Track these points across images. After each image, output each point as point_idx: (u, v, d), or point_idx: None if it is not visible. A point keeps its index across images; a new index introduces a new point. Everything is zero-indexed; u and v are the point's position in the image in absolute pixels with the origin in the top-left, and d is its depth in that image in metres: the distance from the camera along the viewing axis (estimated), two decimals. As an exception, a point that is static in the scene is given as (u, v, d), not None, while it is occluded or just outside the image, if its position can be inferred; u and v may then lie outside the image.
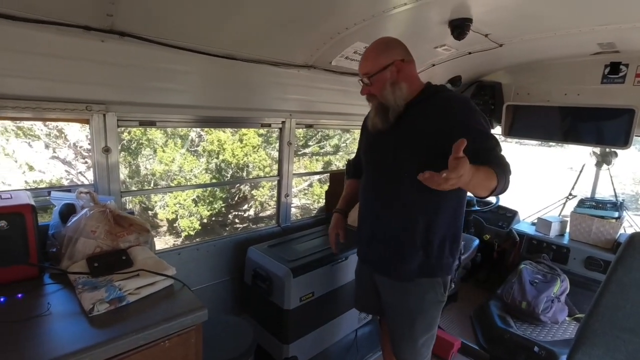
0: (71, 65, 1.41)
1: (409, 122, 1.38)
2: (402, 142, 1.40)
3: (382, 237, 1.50)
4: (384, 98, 1.38)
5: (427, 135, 1.33)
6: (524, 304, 2.58)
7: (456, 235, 1.46)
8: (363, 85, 1.45)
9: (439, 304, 1.49)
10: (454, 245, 1.46)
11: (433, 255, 1.42)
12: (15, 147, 5.52)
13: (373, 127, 1.46)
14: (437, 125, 1.31)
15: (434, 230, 1.40)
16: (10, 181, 5.43)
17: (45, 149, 5.75)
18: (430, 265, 1.43)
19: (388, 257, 1.48)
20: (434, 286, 1.45)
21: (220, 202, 6.60)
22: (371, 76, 1.39)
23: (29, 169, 5.56)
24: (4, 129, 5.34)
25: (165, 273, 1.14)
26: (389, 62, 1.38)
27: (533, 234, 3.06)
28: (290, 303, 1.80)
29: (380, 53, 1.40)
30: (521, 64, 2.89)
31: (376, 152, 1.52)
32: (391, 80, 1.37)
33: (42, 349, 0.83)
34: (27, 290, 1.06)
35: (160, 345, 0.98)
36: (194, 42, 1.67)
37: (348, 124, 2.83)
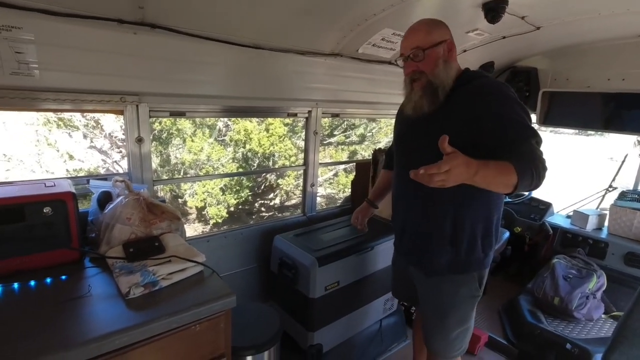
0: (106, 58, 1.46)
1: (446, 109, 1.31)
2: (437, 130, 1.29)
3: (411, 230, 1.48)
4: (435, 76, 1.30)
5: (461, 123, 1.27)
6: (556, 300, 2.49)
7: (489, 230, 1.40)
8: (407, 62, 1.35)
9: (474, 299, 1.45)
10: (487, 241, 1.40)
11: (463, 252, 1.38)
12: (57, 137, 5.83)
13: (416, 110, 1.35)
14: (471, 114, 1.26)
15: (464, 226, 1.36)
16: (53, 169, 5.77)
17: (83, 139, 6.04)
18: (461, 261, 1.39)
19: (417, 251, 1.46)
20: (468, 281, 1.42)
21: (246, 190, 6.73)
22: (424, 50, 1.30)
23: (69, 158, 5.87)
24: (46, 120, 5.65)
25: (195, 260, 1.18)
26: (442, 39, 1.31)
27: (568, 227, 2.94)
28: (315, 292, 1.83)
29: (433, 28, 1.32)
30: (560, 48, 2.73)
31: (408, 140, 1.47)
32: (443, 58, 1.31)
33: (85, 327, 0.89)
34: (69, 272, 1.13)
35: (191, 329, 1.02)
36: (221, 33, 1.69)
37: (375, 113, 2.79)
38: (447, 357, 1.53)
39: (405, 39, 1.36)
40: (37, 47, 1.30)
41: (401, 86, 2.78)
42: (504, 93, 1.26)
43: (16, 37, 1.25)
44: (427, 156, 1.32)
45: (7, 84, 1.28)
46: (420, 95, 1.33)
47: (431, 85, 1.31)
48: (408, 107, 1.40)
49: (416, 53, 1.31)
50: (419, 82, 1.34)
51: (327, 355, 1.99)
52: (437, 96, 1.30)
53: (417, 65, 1.32)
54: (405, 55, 1.35)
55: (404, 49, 1.35)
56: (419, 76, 1.33)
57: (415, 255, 1.49)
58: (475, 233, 1.38)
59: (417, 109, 1.35)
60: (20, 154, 5.71)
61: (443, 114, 1.32)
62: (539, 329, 2.35)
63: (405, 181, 1.43)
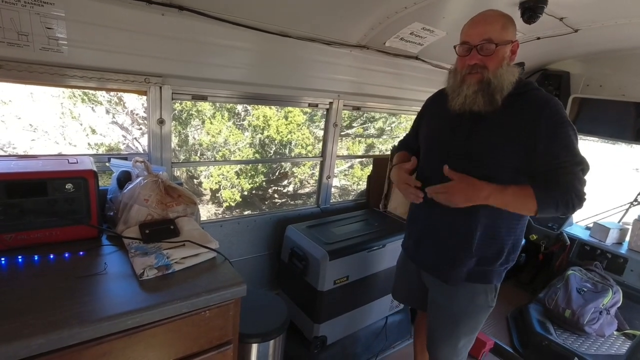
0: (133, 37, 1.47)
1: (499, 115, 1.22)
2: (486, 135, 1.24)
3: (435, 239, 1.40)
4: (496, 76, 1.19)
5: (514, 135, 1.20)
6: (567, 312, 2.44)
7: (516, 244, 1.35)
8: (470, 53, 1.22)
9: (488, 309, 1.41)
10: (512, 256, 1.36)
11: (487, 263, 1.33)
12: (81, 111, 5.95)
13: (466, 105, 1.23)
14: (526, 128, 1.18)
15: (495, 239, 1.31)
16: (76, 142, 5.91)
17: (106, 114, 6.15)
18: (483, 272, 1.35)
19: (439, 260, 1.39)
20: (486, 291, 1.38)
21: (261, 176, 6.76)
22: (497, 45, 1.18)
23: (92, 132, 6.00)
24: (72, 94, 5.77)
25: (209, 246, 1.18)
26: (512, 38, 1.22)
27: (586, 239, 2.85)
28: (324, 285, 1.83)
29: (509, 24, 1.21)
30: (596, 53, 2.61)
31: (446, 139, 1.34)
32: (507, 60, 1.22)
33: (99, 305, 0.91)
34: (87, 248, 1.15)
35: (201, 315, 1.03)
36: (249, 18, 1.67)
37: (397, 109, 2.74)
38: None
39: (474, 26, 1.22)
40: (66, 23, 1.31)
41: (426, 83, 2.73)
42: (560, 115, 1.19)
43: (48, 12, 1.27)
44: (462, 162, 1.26)
45: (37, 59, 1.30)
46: (474, 90, 1.21)
47: (489, 84, 1.20)
48: (455, 101, 1.27)
49: (487, 46, 1.18)
50: (475, 76, 1.22)
51: (331, 348, 2.01)
52: (494, 98, 1.20)
53: (482, 59, 1.20)
54: (473, 44, 1.20)
55: (472, 37, 1.21)
56: (479, 70, 1.21)
57: (434, 263, 1.42)
58: (504, 246, 1.33)
59: (467, 105, 1.23)
60: (46, 125, 5.86)
61: (495, 120, 1.23)
62: (547, 340, 2.31)
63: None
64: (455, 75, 1.30)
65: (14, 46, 1.25)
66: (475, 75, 1.22)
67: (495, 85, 1.20)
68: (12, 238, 1.09)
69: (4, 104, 5.80)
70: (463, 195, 1.19)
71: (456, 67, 1.31)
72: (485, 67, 1.20)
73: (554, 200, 1.15)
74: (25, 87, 5.54)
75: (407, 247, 1.58)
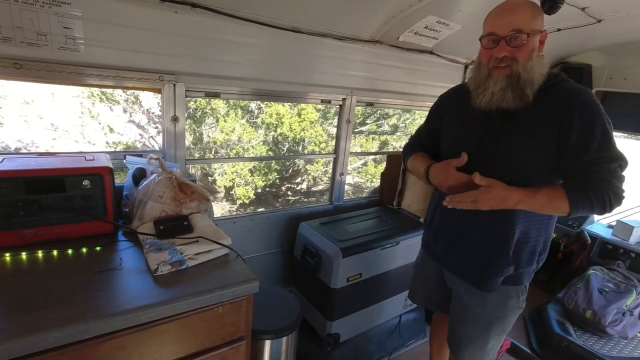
0: (147, 36, 1.49)
1: (530, 111, 1.15)
2: (513, 136, 1.17)
3: (471, 243, 1.33)
4: (527, 69, 1.11)
5: (548, 132, 1.13)
6: (588, 313, 2.36)
7: (547, 244, 1.31)
8: (498, 44, 1.13)
9: (519, 310, 1.37)
10: (542, 256, 1.32)
11: (521, 266, 1.29)
12: (100, 110, 6.09)
13: (494, 102, 1.15)
14: (559, 123, 1.11)
15: (528, 239, 1.26)
16: (95, 140, 6.06)
17: (123, 113, 6.28)
18: (517, 275, 1.31)
19: (475, 265, 1.32)
20: (518, 293, 1.33)
21: (274, 173, 6.80)
22: (528, 35, 1.10)
23: (110, 130, 6.13)
24: (90, 94, 5.91)
25: (222, 242, 1.19)
26: (541, 27, 1.13)
27: (609, 237, 2.76)
28: (337, 282, 1.82)
29: (537, 12, 1.13)
30: (620, 44, 2.51)
31: (471, 143, 1.25)
32: (537, 51, 1.14)
33: (114, 300, 0.92)
34: (104, 244, 1.17)
35: (214, 310, 1.04)
36: (262, 15, 1.67)
37: (411, 104, 2.69)
38: None
39: (501, 15, 1.13)
40: (83, 23, 1.33)
41: (441, 78, 2.68)
42: (595, 106, 1.11)
43: (65, 12, 1.29)
44: (496, 162, 1.20)
45: (55, 58, 1.33)
46: (502, 86, 1.13)
47: (519, 78, 1.11)
48: (480, 98, 1.18)
49: (517, 36, 1.10)
50: (503, 70, 1.13)
51: (344, 345, 2.00)
52: (525, 92, 1.12)
53: (512, 50, 1.11)
54: (502, 36, 1.11)
55: (500, 28, 1.11)
56: (509, 63, 1.12)
57: (469, 269, 1.35)
58: (536, 247, 1.28)
59: (494, 102, 1.15)
60: (66, 125, 6.02)
61: (526, 118, 1.15)
62: (567, 342, 2.25)
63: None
64: (479, 69, 1.21)
65: (33, 46, 1.28)
66: (504, 69, 1.13)
67: (525, 79, 1.12)
68: (32, 234, 1.11)
69: (26, 104, 5.99)
70: (490, 204, 1.13)
71: (480, 60, 1.21)
72: (515, 59, 1.12)
73: (587, 200, 1.09)
74: (46, 87, 5.70)
75: (433, 251, 1.50)
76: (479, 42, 1.21)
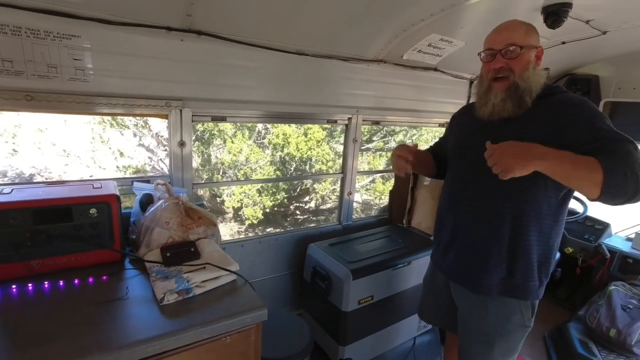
0: (154, 64, 1.52)
1: (528, 115, 1.22)
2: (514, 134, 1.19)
3: (464, 242, 1.36)
4: (523, 79, 1.21)
5: (545, 128, 1.17)
6: (612, 332, 2.26)
7: (548, 257, 1.28)
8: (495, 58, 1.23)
9: (525, 329, 1.32)
10: (544, 268, 1.28)
11: (517, 275, 1.26)
12: (110, 135, 6.23)
13: (495, 114, 1.25)
14: (558, 121, 1.15)
15: (523, 245, 1.25)
16: (105, 165, 6.16)
17: (133, 137, 6.40)
18: (515, 285, 1.27)
19: (467, 264, 1.35)
20: (522, 309, 1.30)
21: (282, 193, 6.79)
22: (521, 47, 1.20)
23: (120, 154, 6.24)
24: (101, 120, 6.05)
25: (229, 268, 1.17)
26: (537, 44, 1.24)
27: (628, 251, 2.66)
28: (348, 305, 1.77)
29: (531, 30, 1.24)
30: (627, 54, 2.49)
31: (470, 148, 1.33)
32: (533, 64, 1.23)
33: (119, 332, 0.90)
34: (110, 273, 1.16)
35: (222, 340, 1.01)
36: (266, 39, 1.70)
37: (418, 121, 2.69)
38: None
39: (497, 33, 1.25)
40: (92, 54, 1.37)
41: (447, 94, 2.68)
42: (594, 107, 1.17)
43: (75, 45, 1.33)
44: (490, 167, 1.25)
45: (66, 89, 1.36)
46: (502, 97, 1.23)
47: (517, 88, 1.21)
48: (483, 109, 1.29)
49: (511, 49, 1.20)
50: (502, 82, 1.23)
51: (358, 371, 1.93)
52: (523, 99, 1.21)
53: (508, 62, 1.21)
54: (498, 49, 1.23)
55: (497, 43, 1.23)
56: (506, 74, 1.22)
57: (463, 268, 1.37)
58: (534, 257, 1.26)
59: (496, 113, 1.24)
60: (78, 150, 6.15)
61: (525, 119, 1.22)
62: (592, 363, 2.14)
63: (462, 190, 1.38)
64: (481, 82, 1.31)
65: (44, 78, 1.31)
66: (502, 82, 1.23)
67: (523, 88, 1.21)
68: (39, 264, 1.11)
69: (40, 131, 6.15)
70: (512, 155, 1.02)
71: (481, 73, 1.32)
72: (511, 70, 1.21)
73: (621, 170, 0.98)
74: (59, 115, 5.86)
75: (435, 256, 1.54)
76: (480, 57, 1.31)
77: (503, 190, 1.24)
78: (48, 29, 1.28)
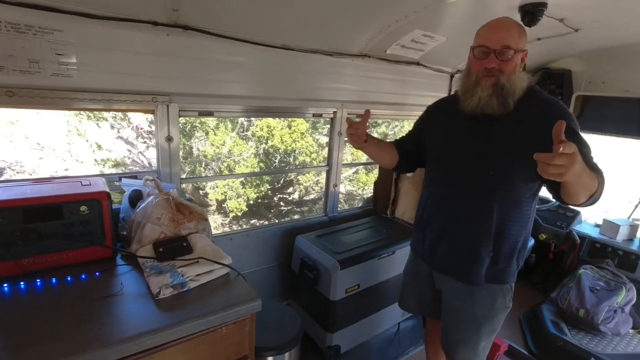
0: (140, 59, 1.50)
1: (514, 116, 1.27)
2: (496, 138, 1.29)
3: (454, 238, 1.41)
4: (510, 81, 1.25)
5: (533, 131, 1.23)
6: (581, 312, 2.41)
7: (526, 242, 1.38)
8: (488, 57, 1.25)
9: (506, 310, 1.44)
10: (523, 252, 1.39)
11: (501, 261, 1.35)
12: (87, 127, 6.03)
13: (481, 107, 1.27)
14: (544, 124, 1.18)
15: (507, 235, 1.33)
16: (83, 158, 5.98)
17: (111, 130, 6.23)
18: (498, 271, 1.37)
19: (460, 258, 1.40)
20: (504, 292, 1.40)
21: (266, 185, 6.79)
22: (515, 51, 1.23)
23: (98, 147, 6.07)
24: (77, 112, 5.84)
25: (222, 262, 1.20)
26: (525, 47, 1.28)
27: (597, 236, 2.83)
28: (336, 294, 1.84)
29: (522, 33, 1.27)
30: (598, 50, 2.61)
31: (457, 142, 1.38)
32: (520, 67, 1.28)
33: (118, 326, 0.92)
34: (103, 269, 1.17)
35: (218, 331, 1.04)
36: (252, 34, 1.70)
37: (401, 114, 2.75)
38: None
39: (493, 31, 1.26)
40: (76, 49, 1.34)
41: (428, 88, 2.74)
42: (568, 112, 1.27)
43: (57, 39, 1.30)
44: (478, 163, 1.31)
45: (49, 85, 1.33)
46: (489, 93, 1.26)
47: (503, 88, 1.25)
48: (468, 102, 1.31)
49: (505, 51, 1.23)
50: (490, 79, 1.26)
51: (345, 356, 2.01)
52: (507, 101, 1.26)
53: (499, 63, 1.24)
54: (493, 49, 1.24)
55: (493, 42, 1.24)
56: (495, 74, 1.25)
57: (455, 263, 1.42)
58: (516, 244, 1.36)
59: (480, 107, 1.28)
60: (53, 143, 5.94)
61: (510, 121, 1.27)
62: (562, 341, 2.29)
63: (450, 185, 1.41)
64: (469, 76, 1.33)
65: (25, 74, 1.28)
66: (491, 78, 1.26)
67: (508, 90, 1.25)
68: (29, 262, 1.11)
69: (11, 124, 5.89)
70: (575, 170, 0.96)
71: (470, 67, 1.34)
72: (501, 71, 1.25)
73: (602, 182, 1.11)
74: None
75: (421, 251, 1.56)
76: (464, 52, 1.36)
77: (490, 187, 1.31)
78: (29, 23, 1.25)
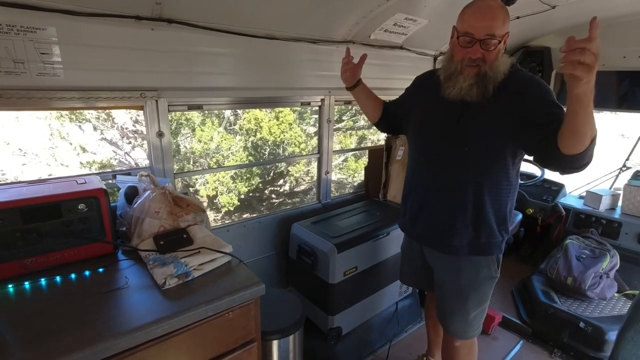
0: (125, 54, 1.49)
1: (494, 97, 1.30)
2: (473, 116, 1.33)
3: (432, 210, 1.49)
4: (493, 68, 1.25)
5: (512, 108, 1.27)
6: (569, 280, 2.52)
7: (508, 215, 1.44)
8: (473, 45, 1.24)
9: (493, 280, 1.50)
10: (504, 226, 1.45)
11: (483, 234, 1.42)
12: (70, 130, 5.91)
13: (461, 97, 1.30)
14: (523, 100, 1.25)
15: (486, 209, 1.39)
16: (67, 162, 5.87)
17: (93, 131, 6.11)
18: (481, 244, 1.43)
19: (437, 230, 1.48)
20: (489, 263, 1.47)
21: (257, 178, 6.79)
22: (499, 40, 1.23)
23: (82, 150, 5.96)
24: (59, 114, 5.71)
25: (223, 250, 1.22)
26: (508, 30, 1.26)
27: (581, 208, 2.94)
28: (334, 277, 1.88)
29: (506, 18, 1.25)
30: (574, 26, 2.67)
31: (436, 120, 1.44)
32: (502, 50, 1.28)
33: (127, 317, 0.94)
34: (105, 265, 1.18)
35: (225, 316, 1.08)
36: (236, 25, 1.70)
37: (386, 99, 2.77)
38: (466, 337, 1.58)
39: (479, 18, 1.22)
40: (60, 47, 1.33)
41: (413, 71, 2.76)
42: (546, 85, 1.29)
43: (40, 38, 1.28)
44: (455, 138, 1.37)
45: (35, 85, 1.32)
46: (471, 83, 1.28)
47: (485, 76, 1.26)
48: (449, 90, 1.33)
49: (490, 41, 1.23)
50: (473, 69, 1.27)
51: (347, 337, 2.07)
52: (487, 88, 1.27)
53: (484, 53, 1.24)
54: (478, 38, 1.22)
55: (477, 31, 1.22)
56: (479, 64, 1.26)
57: (433, 234, 1.50)
58: (497, 217, 1.42)
59: (461, 96, 1.31)
60: (35, 148, 5.81)
61: (490, 100, 1.29)
62: (553, 309, 2.39)
63: (428, 160, 1.49)
64: (451, 62, 1.34)
65: (11, 74, 1.27)
66: (474, 68, 1.27)
67: (490, 76, 1.27)
68: (32, 262, 1.11)
69: (-11, 130, 5.74)
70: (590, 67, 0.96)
71: (452, 53, 1.34)
72: (484, 60, 1.26)
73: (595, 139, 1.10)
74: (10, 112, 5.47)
75: (404, 226, 1.66)
76: (446, 33, 1.37)
77: (466, 164, 1.37)
78: (10, 22, 1.23)
